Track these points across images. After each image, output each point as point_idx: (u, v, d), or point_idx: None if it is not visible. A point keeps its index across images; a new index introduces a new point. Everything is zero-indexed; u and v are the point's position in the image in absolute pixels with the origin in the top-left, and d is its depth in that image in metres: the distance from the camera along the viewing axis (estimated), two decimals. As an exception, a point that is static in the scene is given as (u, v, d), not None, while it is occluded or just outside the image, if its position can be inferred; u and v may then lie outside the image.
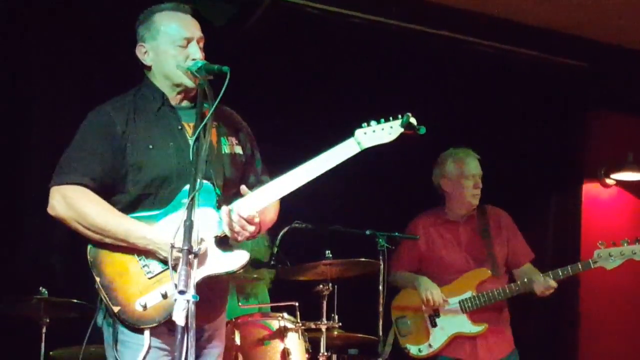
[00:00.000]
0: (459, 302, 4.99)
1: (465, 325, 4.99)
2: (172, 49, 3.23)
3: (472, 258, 5.08)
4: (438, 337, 5.00)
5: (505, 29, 5.95)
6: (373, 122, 3.13)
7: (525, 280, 4.96)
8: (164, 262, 3.05)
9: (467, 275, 5.03)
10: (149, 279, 3.10)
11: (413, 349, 5.05)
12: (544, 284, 4.89)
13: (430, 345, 5.01)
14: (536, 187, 6.60)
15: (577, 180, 6.83)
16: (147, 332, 3.07)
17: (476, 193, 5.12)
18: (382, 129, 3.12)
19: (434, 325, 5.02)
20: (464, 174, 5.12)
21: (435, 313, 5.02)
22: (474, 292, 4.98)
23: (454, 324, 4.99)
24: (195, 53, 3.22)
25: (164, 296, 3.06)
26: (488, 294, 4.95)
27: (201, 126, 2.98)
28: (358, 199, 5.92)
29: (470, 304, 4.97)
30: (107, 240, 3.10)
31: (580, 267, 4.91)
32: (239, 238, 3.11)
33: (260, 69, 5.53)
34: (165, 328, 3.06)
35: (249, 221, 3.08)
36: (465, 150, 5.21)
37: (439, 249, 5.13)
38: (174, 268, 2.81)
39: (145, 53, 3.29)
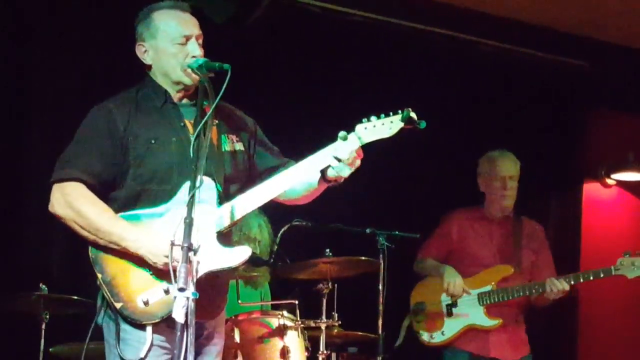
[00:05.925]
0: (478, 295, 5.01)
1: (480, 317, 5.00)
2: (171, 47, 3.23)
3: (500, 256, 5.11)
4: (452, 327, 5.03)
5: (506, 28, 5.95)
6: (373, 117, 3.11)
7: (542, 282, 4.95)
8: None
9: (490, 270, 5.06)
10: (151, 275, 3.10)
11: (425, 335, 5.09)
12: (558, 286, 4.89)
13: (443, 333, 5.04)
14: (536, 186, 6.58)
15: (578, 180, 6.82)
16: (149, 329, 3.07)
17: (505, 194, 5.15)
18: (383, 124, 3.09)
19: (450, 314, 5.04)
20: (493, 175, 5.17)
21: (453, 303, 5.04)
22: (493, 287, 5.01)
23: (469, 315, 5.01)
24: (195, 50, 3.22)
25: (166, 292, 3.06)
26: (507, 290, 4.97)
27: (201, 124, 2.96)
28: (358, 197, 5.90)
29: (488, 298, 4.99)
30: (101, 242, 3.10)
31: (601, 273, 4.91)
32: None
33: (261, 66, 5.53)
34: (167, 324, 3.04)
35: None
36: (501, 152, 5.24)
37: (469, 242, 5.16)
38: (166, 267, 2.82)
39: (145, 52, 3.29)
